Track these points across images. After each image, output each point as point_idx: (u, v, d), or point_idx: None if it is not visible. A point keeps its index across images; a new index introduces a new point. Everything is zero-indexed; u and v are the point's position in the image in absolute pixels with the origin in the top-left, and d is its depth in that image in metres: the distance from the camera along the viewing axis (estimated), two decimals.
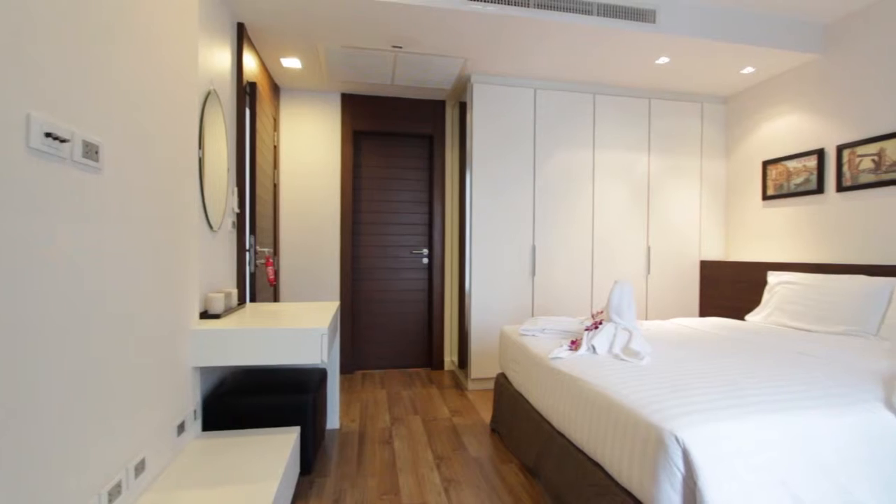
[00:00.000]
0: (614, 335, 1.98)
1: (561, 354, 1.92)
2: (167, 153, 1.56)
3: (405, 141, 3.97)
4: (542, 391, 1.95)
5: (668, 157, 3.65)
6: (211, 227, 2.01)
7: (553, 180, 3.44)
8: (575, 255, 3.48)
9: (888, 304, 2.34)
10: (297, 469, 1.87)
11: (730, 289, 3.47)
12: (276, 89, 3.51)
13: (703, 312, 3.73)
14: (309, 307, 2.39)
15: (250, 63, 2.74)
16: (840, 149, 2.83)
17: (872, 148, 2.64)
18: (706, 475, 1.12)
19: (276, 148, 3.47)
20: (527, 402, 2.17)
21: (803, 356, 1.88)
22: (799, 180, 3.11)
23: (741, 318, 3.35)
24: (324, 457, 2.27)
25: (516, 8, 2.48)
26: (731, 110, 3.71)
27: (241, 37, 2.50)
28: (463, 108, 3.71)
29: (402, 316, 3.96)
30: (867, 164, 2.67)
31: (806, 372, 1.62)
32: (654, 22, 2.65)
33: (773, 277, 3.02)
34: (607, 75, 3.31)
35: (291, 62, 3.12)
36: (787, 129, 3.21)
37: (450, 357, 3.99)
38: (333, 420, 2.64)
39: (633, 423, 1.30)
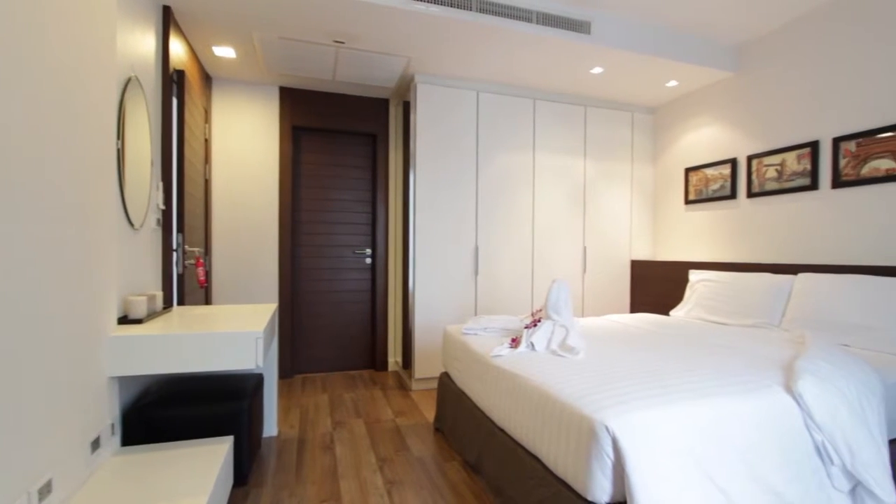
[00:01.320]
0: (552, 332, 2.06)
1: (502, 352, 1.97)
2: (79, 143, 1.42)
3: (348, 139, 3.89)
4: (484, 389, 1.98)
5: (603, 162, 3.85)
6: (132, 224, 1.86)
7: (495, 182, 3.51)
8: (516, 255, 3.58)
9: (788, 299, 2.61)
10: (230, 481, 1.77)
11: (657, 286, 3.72)
12: (207, 79, 3.31)
13: (634, 308, 3.97)
14: (244, 310, 2.28)
15: (178, 50, 2.57)
16: (750, 159, 3.12)
17: (776, 159, 2.94)
18: (633, 461, 1.19)
19: (207, 141, 3.28)
20: (469, 399, 2.20)
21: (719, 347, 2.05)
22: (716, 186, 3.39)
23: (667, 313, 3.60)
24: (260, 466, 2.17)
25: (459, 10, 2.51)
26: (658, 120, 3.98)
27: (168, 21, 2.33)
28: (407, 108, 3.70)
29: (344, 317, 3.88)
30: (772, 173, 2.97)
31: (720, 362, 1.77)
32: (589, 33, 2.78)
33: (693, 276, 3.28)
34: (547, 82, 3.43)
35: (224, 51, 2.95)
36: (706, 140, 3.50)
37: (394, 358, 3.96)
38: (271, 427, 2.53)
39: (568, 415, 1.36)
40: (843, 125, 2.58)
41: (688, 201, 3.65)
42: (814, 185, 2.72)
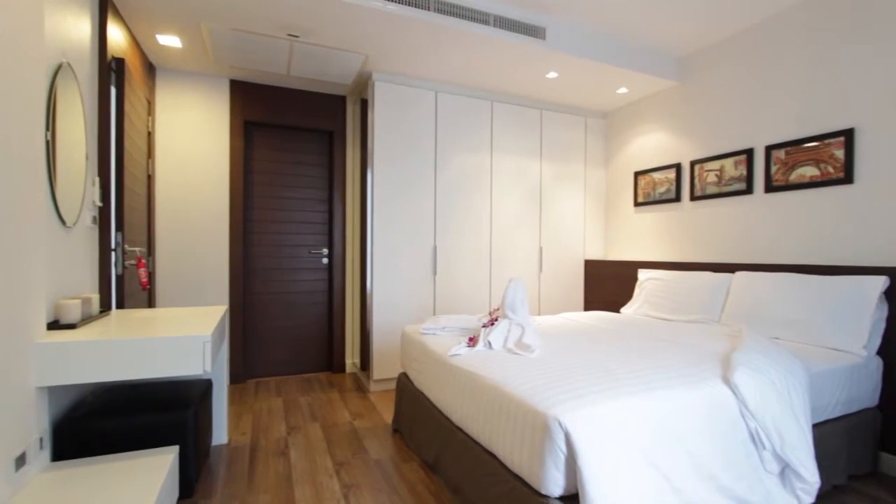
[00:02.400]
0: (508, 330, 2.10)
1: (459, 351, 1.98)
2: (0, 134, 1.30)
3: (303, 136, 3.79)
4: (442, 388, 1.99)
5: (558, 164, 3.96)
6: (63, 222, 1.73)
7: (454, 182, 3.53)
8: (475, 255, 3.61)
9: (727, 296, 2.79)
10: (175, 494, 1.69)
11: (609, 285, 3.87)
12: (150, 68, 3.13)
13: (587, 306, 4.11)
14: (190, 312, 2.17)
15: (117, 36, 2.41)
16: (693, 164, 3.31)
17: (716, 164, 3.13)
18: (584, 454, 1.23)
19: (150, 135, 3.10)
20: (427, 399, 2.20)
21: (664, 343, 2.16)
22: (662, 190, 3.57)
23: (618, 310, 3.75)
24: (209, 476, 2.08)
25: (416, 10, 2.50)
26: (610, 125, 4.14)
27: (105, 5, 2.18)
28: (365, 105, 3.65)
29: (300, 319, 3.78)
30: (712, 178, 3.16)
31: (665, 356, 1.86)
32: (543, 38, 2.85)
33: (642, 274, 3.43)
34: (504, 84, 3.49)
35: (169, 40, 2.80)
36: (654, 145, 3.67)
37: (351, 359, 3.89)
38: (221, 435, 2.42)
39: (523, 411, 1.39)
40: (774, 134, 2.78)
41: (637, 203, 3.81)
42: (749, 190, 2.91)
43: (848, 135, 2.41)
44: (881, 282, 2.12)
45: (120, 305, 2.36)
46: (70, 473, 1.51)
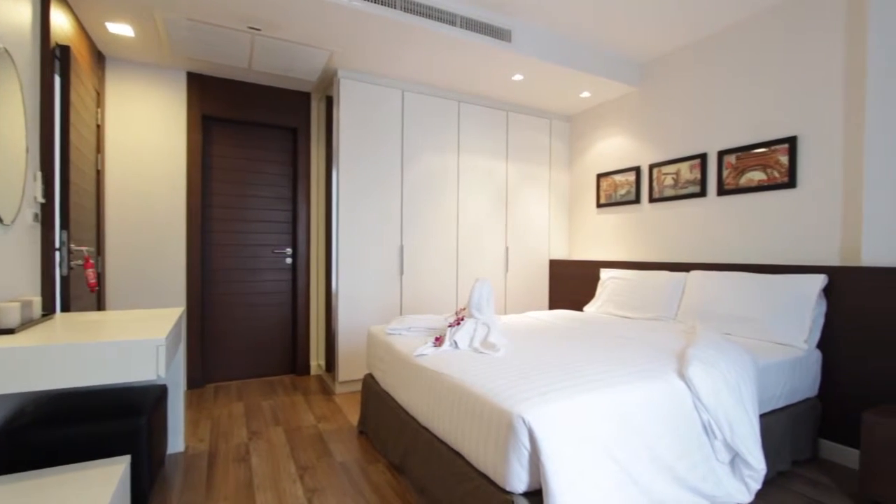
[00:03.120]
0: (474, 330, 2.11)
1: (425, 351, 1.98)
2: None
3: (266, 132, 3.68)
4: (408, 388, 1.98)
5: (523, 165, 4.02)
6: (0, 220, 1.61)
7: (421, 181, 3.52)
8: (441, 255, 3.62)
9: (682, 294, 2.91)
10: None
11: (573, 284, 3.96)
12: (100, 58, 2.96)
13: (552, 305, 4.19)
14: (143, 315, 2.07)
15: (62, 22, 2.27)
16: (651, 167, 3.43)
17: (672, 168, 3.26)
18: (547, 450, 1.25)
19: (99, 127, 2.93)
20: (393, 400, 2.18)
21: (624, 339, 2.23)
22: (623, 191, 3.69)
23: (581, 308, 3.85)
24: (164, 486, 1.99)
25: (383, 7, 2.48)
26: (574, 128, 4.24)
27: None
28: (330, 102, 3.59)
29: (262, 320, 3.67)
30: (669, 181, 3.29)
31: (625, 353, 1.93)
32: (510, 41, 2.89)
33: (604, 274, 3.54)
34: (470, 85, 3.51)
35: (120, 28, 2.66)
36: (615, 148, 3.78)
37: (316, 361, 3.82)
38: (177, 442, 2.32)
39: (488, 410, 1.40)
40: (726, 140, 2.92)
41: (599, 205, 3.92)
42: (703, 193, 3.05)
43: (791, 142, 2.56)
44: (820, 280, 2.27)
45: (65, 308, 2.22)
46: (6, 490, 1.41)
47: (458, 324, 2.18)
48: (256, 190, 3.64)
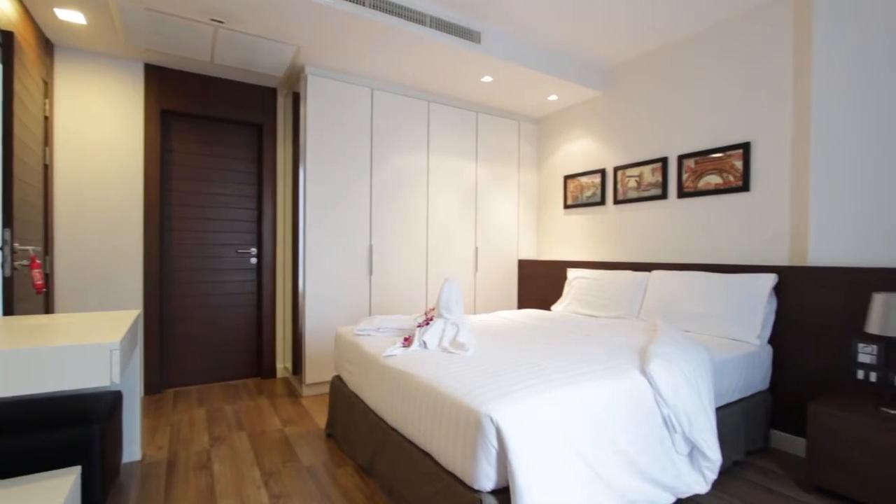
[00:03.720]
0: (443, 330, 2.11)
1: (394, 352, 1.97)
2: None
3: (230, 128, 3.57)
4: (377, 389, 1.96)
5: (493, 166, 4.06)
6: None
7: (390, 181, 3.50)
8: (411, 255, 3.61)
9: (645, 293, 3.00)
10: None
11: (541, 283, 4.03)
12: (48, 46, 2.80)
13: (521, 304, 4.25)
14: (96, 318, 1.96)
15: (5, 6, 2.12)
16: (616, 170, 3.53)
17: (636, 171, 3.37)
18: (514, 447, 1.27)
19: (47, 119, 2.77)
20: (362, 402, 2.16)
21: (589, 337, 2.28)
22: (589, 193, 3.78)
23: (549, 308, 3.92)
24: (118, 497, 1.89)
25: (351, 4, 2.45)
26: (542, 130, 4.31)
27: None
28: (297, 99, 3.51)
29: (226, 322, 3.56)
30: (632, 183, 3.40)
31: (590, 350, 1.97)
32: (479, 43, 2.91)
33: (571, 273, 3.61)
34: (440, 85, 3.51)
35: (70, 15, 2.52)
36: (581, 151, 3.87)
37: (283, 363, 3.73)
38: (133, 451, 2.22)
39: (456, 410, 1.41)
40: (685, 145, 3.04)
41: (566, 206, 4.01)
42: (664, 195, 3.17)
43: (745, 148, 2.69)
44: (771, 279, 2.39)
45: (9, 312, 2.08)
46: None
47: (428, 324, 2.18)
48: (220, 188, 3.52)
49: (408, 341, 2.07)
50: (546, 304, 3.96)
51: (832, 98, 2.27)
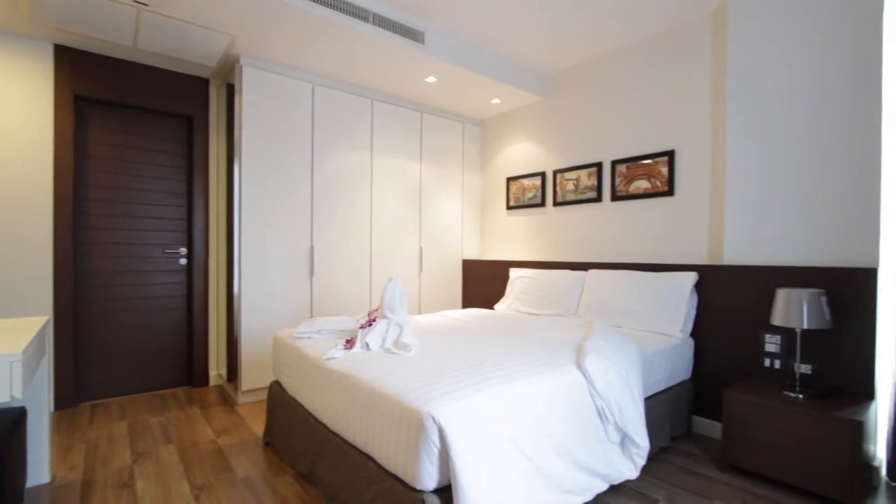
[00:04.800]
0: (386, 330, 2.09)
1: (336, 354, 1.92)
2: None
3: (157, 119, 3.32)
4: (317, 393, 1.91)
5: (437, 167, 4.08)
6: None
7: (332, 179, 3.41)
8: (354, 255, 3.54)
9: (581, 291, 3.15)
10: None
11: (485, 283, 4.10)
12: None
13: (465, 304, 4.30)
14: None
15: None
16: (555, 173, 3.67)
17: (574, 175, 3.52)
18: (456, 445, 1.28)
19: None
20: (302, 407, 2.09)
21: (530, 335, 2.36)
22: (530, 195, 3.90)
23: (492, 307, 4.00)
24: None
25: None
26: (485, 132, 4.39)
27: None
28: (232, 91, 3.34)
29: (152, 328, 3.30)
30: (570, 186, 3.55)
31: (530, 347, 2.04)
32: (423, 43, 2.91)
33: (513, 273, 3.71)
34: (384, 84, 3.47)
35: None
36: (523, 153, 3.99)
37: (216, 370, 3.53)
38: (40, 474, 2.01)
39: (398, 410, 1.40)
40: (618, 151, 3.22)
41: (509, 207, 4.11)
42: (599, 198, 3.33)
43: (670, 155, 2.89)
44: (692, 277, 2.59)
45: None
46: None
47: (371, 325, 2.15)
48: (145, 182, 3.27)
49: (350, 343, 2.03)
50: (490, 303, 4.03)
51: (744, 112, 2.50)
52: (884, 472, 2.04)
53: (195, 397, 3.22)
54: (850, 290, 2.08)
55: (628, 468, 1.85)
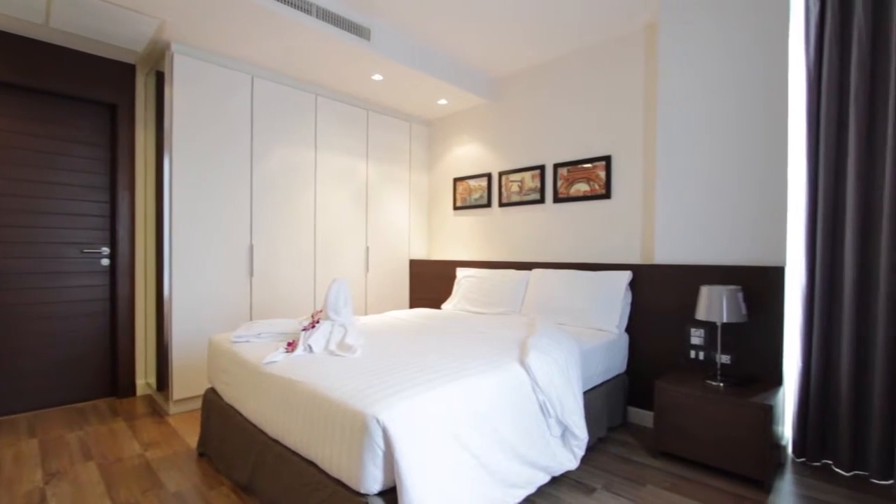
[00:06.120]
0: (331, 332, 2.04)
1: (276, 358, 1.85)
2: None
3: (75, 107, 3.04)
4: (256, 400, 1.82)
5: (384, 166, 4.04)
6: None
7: (274, 176, 3.28)
8: (298, 255, 3.42)
9: (525, 290, 3.23)
10: None
11: (432, 283, 4.11)
12: None
13: (413, 304, 4.29)
14: None
15: None
16: (501, 174, 3.75)
17: (518, 176, 3.61)
18: (401, 447, 1.27)
19: None
20: (240, 414, 1.99)
21: (476, 333, 2.39)
22: (477, 196, 3.95)
23: (439, 306, 4.01)
24: None
25: None
26: (433, 132, 4.40)
27: None
28: (161, 79, 3.11)
29: (69, 335, 3.01)
30: (515, 187, 3.64)
31: (475, 346, 2.07)
32: (368, 40, 2.87)
33: (460, 272, 3.75)
34: (329, 80, 3.39)
35: None
36: (470, 154, 4.04)
37: (144, 379, 3.28)
38: None
39: (342, 414, 1.37)
40: (560, 154, 3.34)
41: (456, 207, 4.15)
42: (542, 200, 3.44)
43: (607, 160, 3.05)
44: (627, 276, 2.74)
45: None
46: None
47: (314, 327, 2.09)
48: (61, 176, 2.98)
49: (291, 346, 1.96)
50: (437, 302, 4.05)
51: (672, 123, 2.67)
52: (790, 450, 2.26)
53: (120, 409, 2.98)
54: (762, 286, 2.29)
55: (569, 459, 1.93)
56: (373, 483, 1.29)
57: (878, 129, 2.03)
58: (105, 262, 3.16)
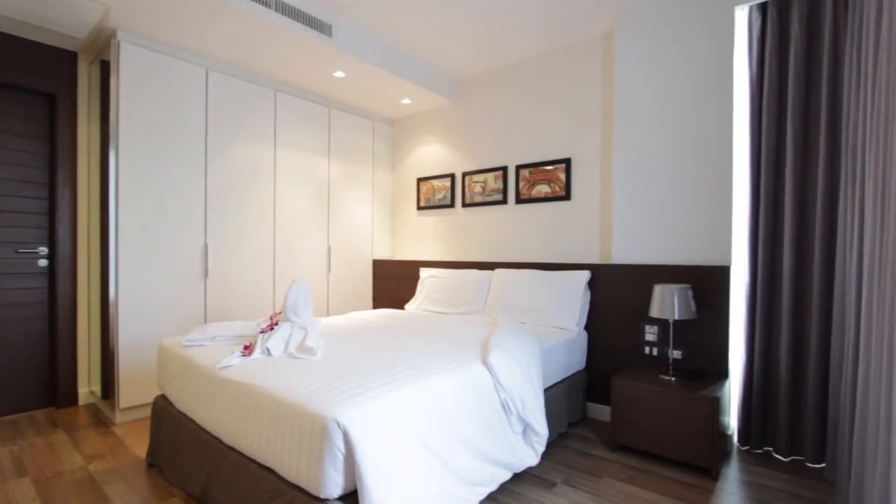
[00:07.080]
0: (290, 334, 1.99)
1: (232, 362, 1.78)
2: None
3: (8, 95, 2.81)
4: (211, 406, 1.75)
5: (346, 164, 3.97)
6: None
7: (230, 174, 3.16)
8: (256, 255, 3.31)
9: (488, 290, 3.27)
10: None
11: (395, 283, 4.08)
12: None
13: (376, 304, 4.24)
14: None
15: None
16: (464, 175, 3.77)
17: (481, 177, 3.65)
18: (362, 448, 1.26)
19: None
20: (192, 421, 1.90)
21: (439, 333, 2.39)
22: (440, 196, 3.96)
23: (402, 307, 3.99)
24: None
25: None
26: (396, 132, 4.37)
27: None
28: (106, 69, 2.94)
29: (1, 341, 2.79)
30: (478, 188, 3.67)
31: (438, 346, 2.07)
32: (330, 36, 2.82)
33: (423, 273, 3.74)
34: (289, 75, 3.30)
35: None
36: (434, 155, 4.04)
37: (88, 387, 3.08)
38: None
39: (301, 417, 1.33)
40: (522, 156, 3.40)
41: (419, 207, 4.14)
42: (504, 200, 3.49)
43: (567, 163, 3.12)
44: (585, 275, 2.82)
45: None
46: None
47: (272, 329, 2.03)
48: None
49: (248, 349, 1.89)
50: (400, 303, 4.02)
51: (628, 128, 2.78)
52: (735, 438, 2.40)
53: (60, 420, 2.78)
54: (710, 285, 2.41)
55: (529, 456, 1.96)
56: (333, 487, 1.27)
57: (812, 135, 2.18)
58: (43, 262, 2.94)
